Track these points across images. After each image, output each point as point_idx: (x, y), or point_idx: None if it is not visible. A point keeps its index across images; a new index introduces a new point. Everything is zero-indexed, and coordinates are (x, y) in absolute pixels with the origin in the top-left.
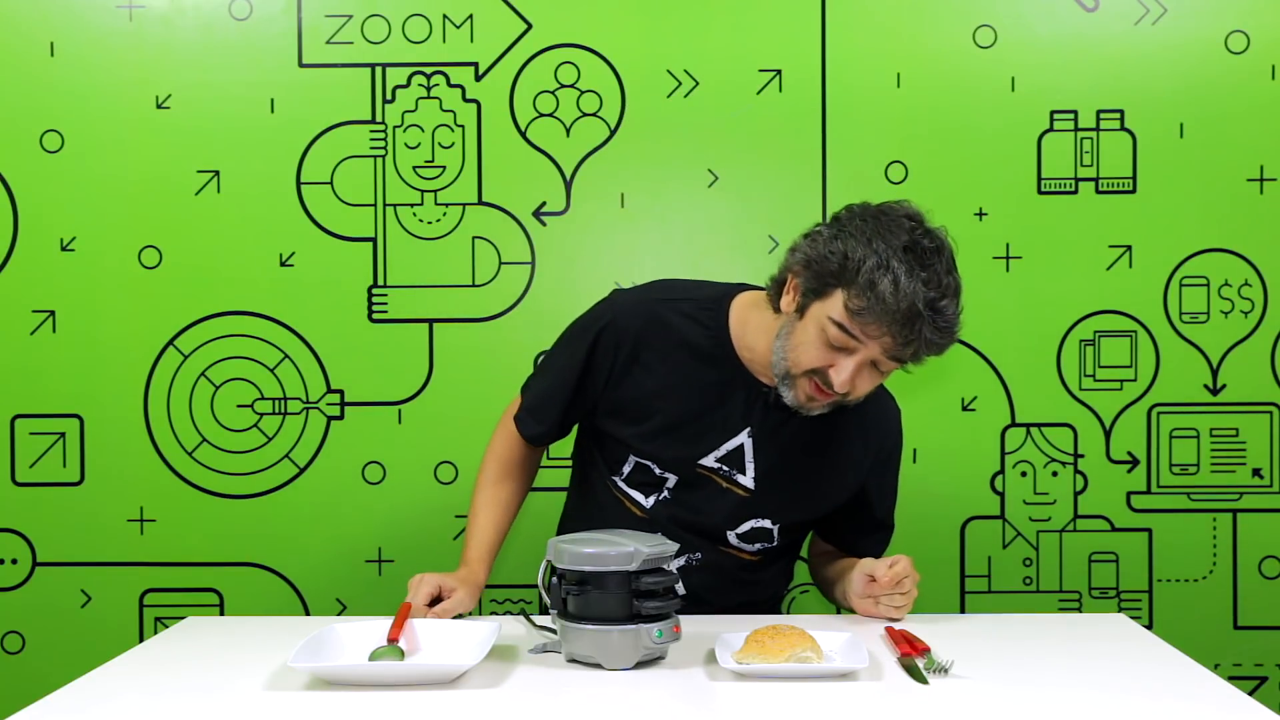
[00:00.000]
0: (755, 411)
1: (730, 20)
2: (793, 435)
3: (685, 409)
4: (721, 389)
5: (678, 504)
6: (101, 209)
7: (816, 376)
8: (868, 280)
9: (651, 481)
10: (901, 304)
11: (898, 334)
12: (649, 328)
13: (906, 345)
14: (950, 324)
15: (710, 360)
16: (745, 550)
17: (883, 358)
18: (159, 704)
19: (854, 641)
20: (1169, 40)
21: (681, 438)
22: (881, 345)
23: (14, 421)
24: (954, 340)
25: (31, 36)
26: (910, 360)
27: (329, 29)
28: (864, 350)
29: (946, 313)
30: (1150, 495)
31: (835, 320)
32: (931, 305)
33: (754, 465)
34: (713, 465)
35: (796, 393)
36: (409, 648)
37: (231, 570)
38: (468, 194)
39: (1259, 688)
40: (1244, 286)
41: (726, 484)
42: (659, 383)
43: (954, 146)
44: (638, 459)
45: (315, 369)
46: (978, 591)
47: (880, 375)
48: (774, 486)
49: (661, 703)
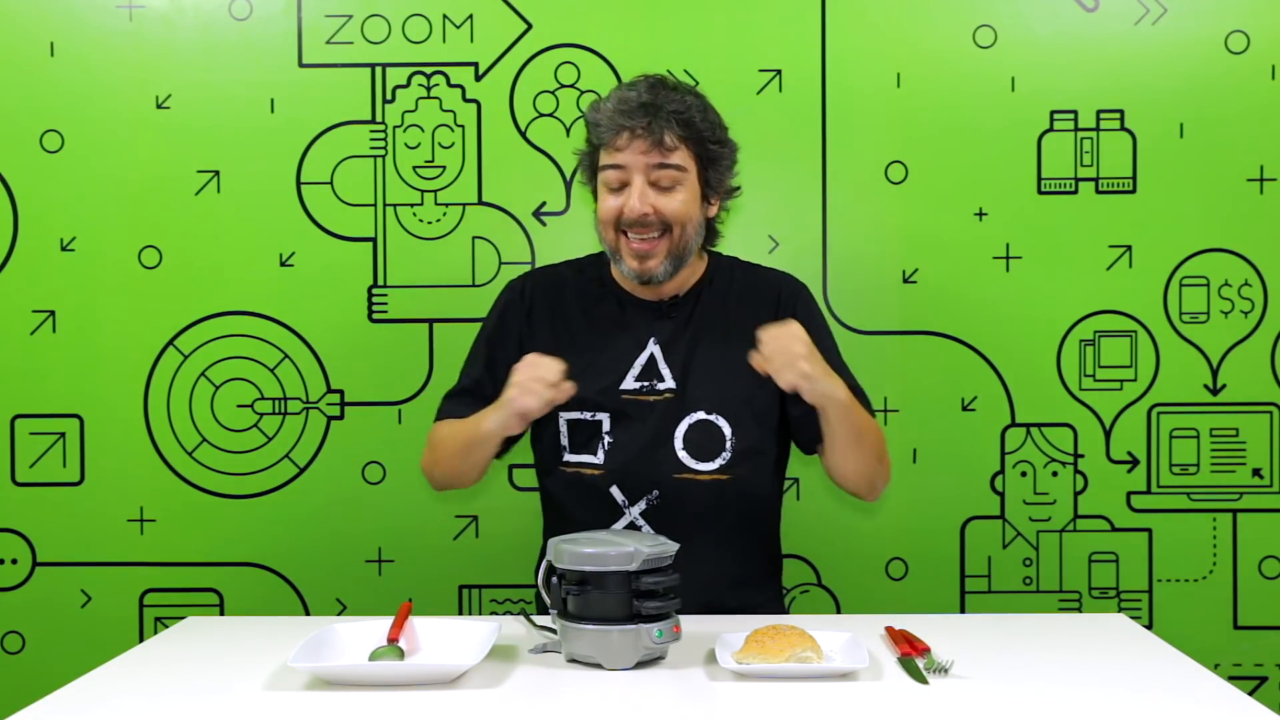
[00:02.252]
0: (654, 324)
1: (730, 20)
2: (697, 331)
3: (593, 344)
4: (619, 317)
5: (621, 443)
6: (101, 209)
7: (624, 227)
8: (594, 112)
9: (589, 431)
10: (625, 105)
11: (640, 125)
12: (540, 285)
13: (650, 132)
14: (684, 98)
15: (601, 297)
16: (703, 471)
17: (649, 165)
18: (159, 704)
19: (854, 641)
20: (1169, 40)
21: (599, 370)
22: (636, 151)
23: (14, 421)
24: (700, 101)
25: (31, 36)
26: (685, 148)
27: (329, 29)
28: (630, 171)
29: (672, 89)
30: (1150, 495)
31: (603, 164)
32: (654, 89)
33: (669, 368)
34: (634, 387)
35: (626, 259)
36: (409, 648)
37: (231, 570)
38: (468, 194)
39: (1259, 688)
40: (1244, 286)
41: (654, 398)
42: (564, 329)
43: (954, 146)
44: (568, 416)
45: (315, 369)
46: (978, 591)
47: (673, 189)
48: (696, 380)
49: (661, 703)
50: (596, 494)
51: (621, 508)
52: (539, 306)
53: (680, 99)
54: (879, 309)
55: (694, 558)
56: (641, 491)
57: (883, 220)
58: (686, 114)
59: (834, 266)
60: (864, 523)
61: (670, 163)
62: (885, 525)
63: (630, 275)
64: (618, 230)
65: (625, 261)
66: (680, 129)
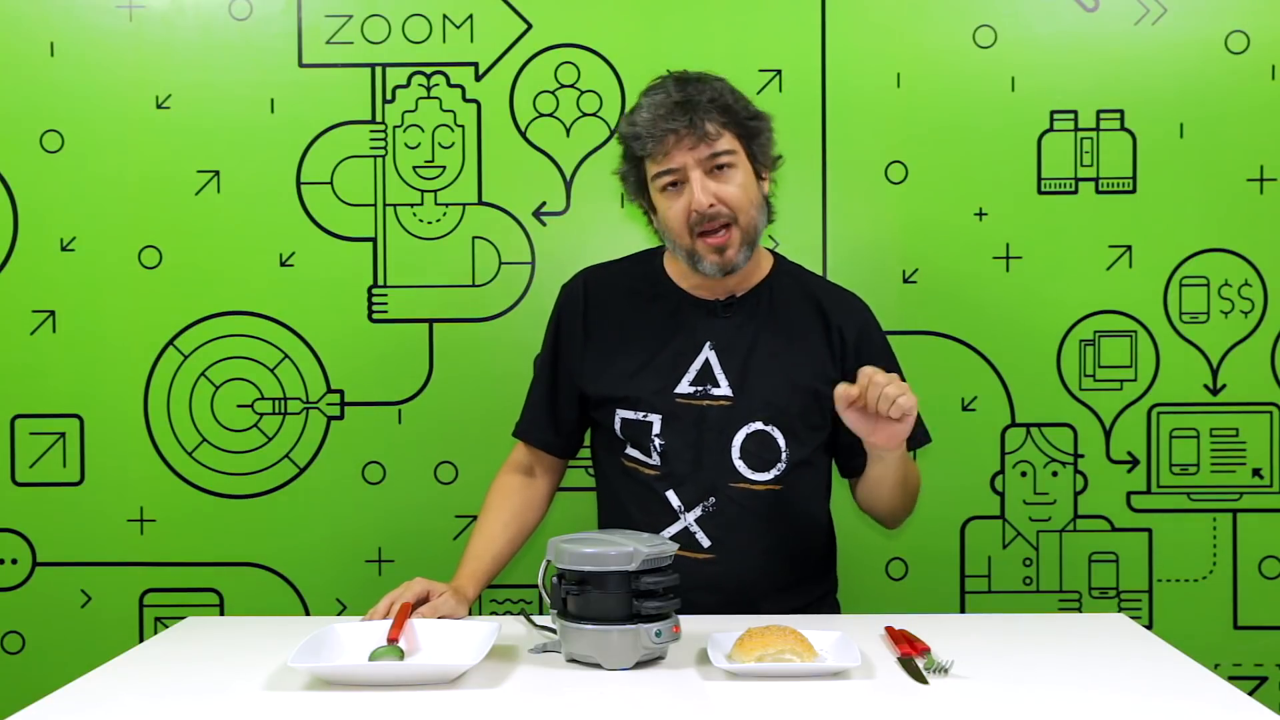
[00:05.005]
0: (711, 325)
1: (730, 20)
2: (753, 336)
3: (648, 345)
4: (674, 317)
5: (674, 447)
6: (101, 209)
7: (695, 227)
8: (631, 127)
9: (641, 430)
10: (659, 110)
11: (681, 125)
12: (592, 288)
13: (694, 128)
14: (712, 86)
15: (655, 296)
16: (758, 481)
17: (701, 160)
18: (159, 704)
19: (844, 640)
20: (1169, 40)
21: (654, 371)
22: (684, 150)
23: (14, 421)
24: (725, 82)
25: (31, 36)
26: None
27: (329, 29)
28: (685, 170)
29: (698, 80)
30: (1150, 495)
31: (654, 175)
32: (680, 86)
33: (725, 374)
34: (688, 391)
35: (705, 258)
36: (409, 648)
37: (231, 570)
38: (468, 194)
39: (1259, 688)
40: (1244, 286)
41: (708, 402)
42: (618, 330)
43: (954, 146)
44: (623, 414)
45: (315, 369)
46: (978, 591)
47: (729, 176)
48: (752, 387)
49: (661, 703)
50: (652, 494)
51: (677, 512)
52: (594, 305)
53: (710, 86)
54: (879, 309)
55: (747, 564)
56: (698, 498)
57: (883, 220)
58: (721, 99)
59: (834, 266)
60: (864, 523)
61: (719, 149)
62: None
63: (712, 272)
64: (691, 233)
65: (705, 260)
66: (720, 115)
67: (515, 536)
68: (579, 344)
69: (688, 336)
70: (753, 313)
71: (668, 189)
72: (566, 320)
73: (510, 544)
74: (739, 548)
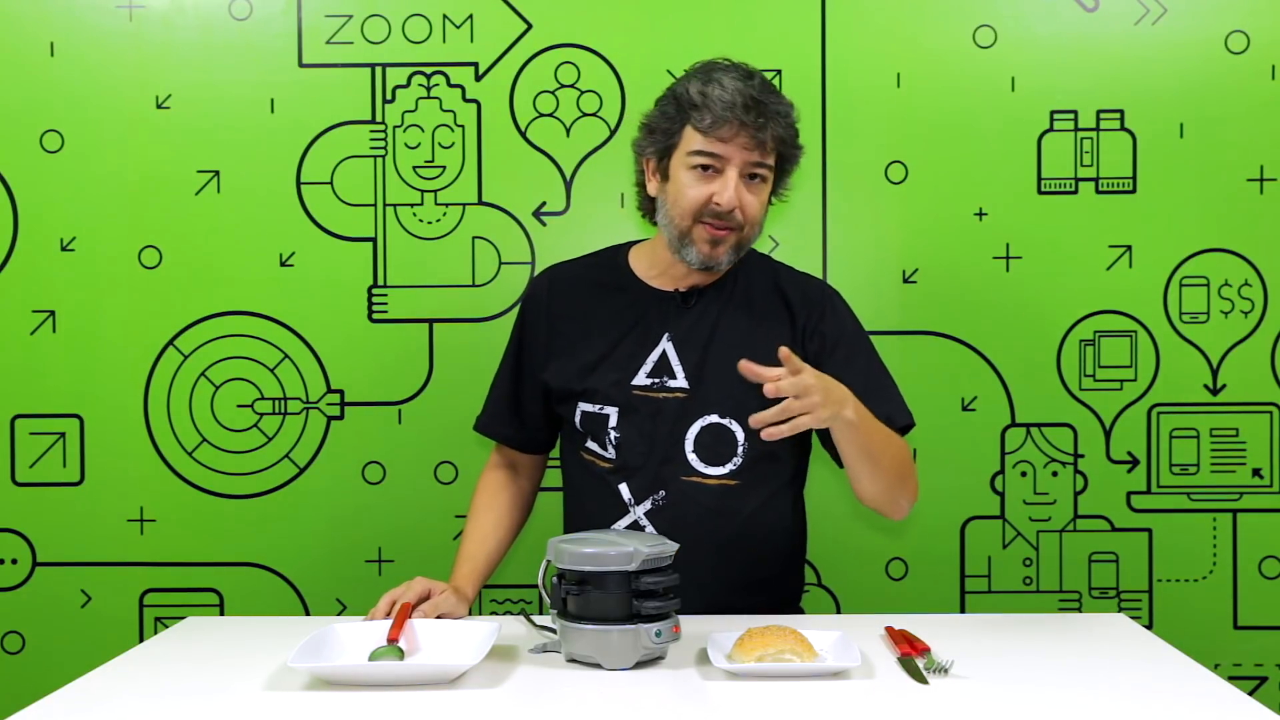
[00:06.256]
0: (669, 318)
1: (730, 20)
2: (712, 329)
3: (608, 338)
4: (634, 309)
5: (629, 439)
6: (101, 209)
7: (706, 216)
8: (700, 95)
9: (599, 424)
10: (738, 97)
11: (750, 122)
12: (556, 283)
13: (759, 131)
14: (785, 103)
15: (617, 288)
16: (711, 475)
17: (747, 162)
18: (159, 704)
19: (845, 640)
20: (1169, 40)
21: (613, 364)
22: (739, 146)
23: (14, 421)
24: (795, 124)
25: (31, 36)
26: (775, 151)
27: (329, 29)
28: (729, 162)
29: (776, 92)
30: (1150, 495)
31: (695, 150)
32: (764, 88)
33: (682, 366)
34: (645, 383)
35: (697, 246)
36: (409, 648)
37: (231, 570)
38: (468, 194)
39: (1259, 688)
40: (1244, 286)
41: (664, 395)
42: (580, 324)
43: (954, 146)
44: (584, 407)
45: (315, 369)
46: (978, 591)
47: (757, 189)
48: (708, 380)
49: (661, 703)
50: (605, 487)
51: (627, 505)
52: (558, 300)
53: (783, 102)
54: (879, 309)
55: (696, 561)
56: (648, 491)
57: (883, 220)
58: (789, 119)
59: (834, 266)
60: (864, 523)
61: (765, 162)
62: (885, 525)
63: (696, 261)
64: (696, 217)
65: (696, 246)
66: (782, 132)
67: (506, 535)
68: (543, 338)
69: (646, 329)
70: (715, 303)
71: (698, 169)
72: (531, 315)
73: (502, 543)
74: (689, 543)
